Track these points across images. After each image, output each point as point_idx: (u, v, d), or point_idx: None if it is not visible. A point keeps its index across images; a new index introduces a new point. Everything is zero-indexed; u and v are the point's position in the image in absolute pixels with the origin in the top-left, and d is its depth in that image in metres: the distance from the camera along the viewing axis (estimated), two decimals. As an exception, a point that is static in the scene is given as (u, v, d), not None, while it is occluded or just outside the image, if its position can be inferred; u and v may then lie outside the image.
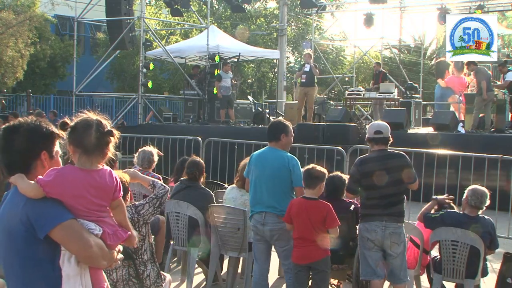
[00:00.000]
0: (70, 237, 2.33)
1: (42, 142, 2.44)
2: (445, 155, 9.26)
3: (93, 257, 2.39)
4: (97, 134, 2.50)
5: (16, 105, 23.00)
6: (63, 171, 2.45)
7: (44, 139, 2.45)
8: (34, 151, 2.42)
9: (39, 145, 2.43)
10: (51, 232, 2.30)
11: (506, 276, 5.30)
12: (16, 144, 2.39)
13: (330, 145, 10.34)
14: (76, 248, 2.35)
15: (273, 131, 5.25)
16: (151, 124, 17.39)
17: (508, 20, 26.45)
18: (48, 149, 2.46)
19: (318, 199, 4.84)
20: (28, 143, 2.40)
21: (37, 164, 2.43)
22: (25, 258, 2.34)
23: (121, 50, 19.50)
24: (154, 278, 3.99)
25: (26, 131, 2.41)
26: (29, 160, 2.42)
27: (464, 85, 14.91)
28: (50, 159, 2.47)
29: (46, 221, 2.30)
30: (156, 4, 29.75)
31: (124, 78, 27.09)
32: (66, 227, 2.32)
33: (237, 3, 19.62)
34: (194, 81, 17.36)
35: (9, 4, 21.20)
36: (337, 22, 25.44)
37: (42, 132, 2.44)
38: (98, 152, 2.52)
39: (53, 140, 2.49)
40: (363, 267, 4.96)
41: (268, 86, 33.07)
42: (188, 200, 5.90)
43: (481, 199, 5.23)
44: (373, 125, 5.16)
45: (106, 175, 2.54)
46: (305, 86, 14.49)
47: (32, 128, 2.43)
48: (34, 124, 2.44)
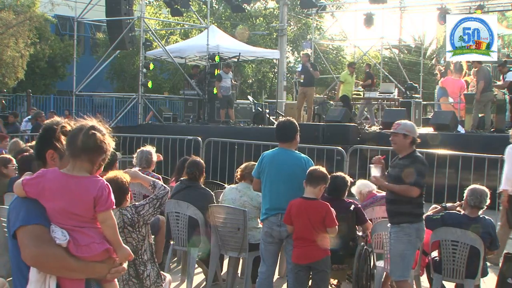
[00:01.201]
0: (26, 243, 2.31)
1: (50, 141, 2.58)
2: (445, 155, 9.26)
3: (47, 267, 2.34)
4: (84, 138, 2.44)
5: (16, 105, 23.00)
6: (45, 173, 2.46)
7: (53, 139, 2.57)
8: (42, 149, 2.61)
9: (48, 144, 2.58)
10: (16, 233, 2.35)
11: (507, 276, 5.30)
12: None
13: (330, 145, 10.33)
14: (26, 255, 2.31)
15: (287, 131, 5.19)
16: (151, 124, 17.39)
17: (508, 20, 26.44)
18: (55, 148, 2.57)
19: (318, 199, 4.84)
20: (39, 140, 2.65)
21: (46, 162, 2.59)
22: (11, 253, 2.43)
23: (121, 50, 19.49)
24: (154, 278, 3.99)
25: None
26: (40, 156, 2.62)
27: (460, 88, 14.87)
28: (60, 160, 2.58)
29: (15, 221, 2.36)
30: (156, 4, 29.74)
31: (124, 78, 27.08)
32: (26, 231, 2.32)
33: (237, 3, 19.62)
34: (194, 81, 17.35)
35: (9, 4, 21.18)
36: (337, 22, 25.41)
37: (52, 131, 2.59)
38: (84, 157, 2.45)
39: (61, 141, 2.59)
40: (403, 269, 4.87)
41: (268, 86, 33.06)
42: (188, 200, 5.91)
43: (481, 198, 5.23)
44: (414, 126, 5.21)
45: (89, 184, 2.45)
46: (304, 86, 14.55)
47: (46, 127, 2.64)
48: (50, 123, 2.65)
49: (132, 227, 3.87)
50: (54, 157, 2.54)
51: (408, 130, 5.01)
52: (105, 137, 2.50)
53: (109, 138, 2.52)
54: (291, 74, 28.60)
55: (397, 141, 5.02)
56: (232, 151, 10.84)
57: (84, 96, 22.67)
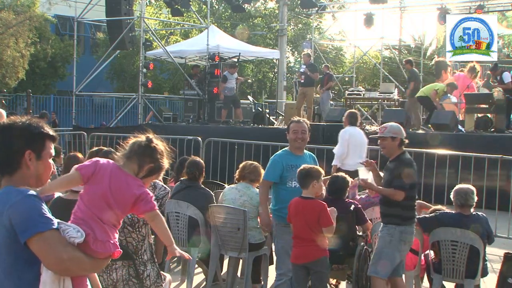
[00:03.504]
0: (44, 250, 2.25)
1: (27, 141, 2.38)
2: (445, 155, 9.26)
3: (66, 270, 2.34)
4: (138, 143, 2.74)
5: (16, 105, 23.01)
6: (105, 161, 2.65)
7: (30, 138, 2.38)
8: (18, 150, 2.36)
9: (23, 144, 2.37)
10: (30, 240, 2.22)
11: (507, 276, 5.30)
12: (2, 141, 2.36)
13: (330, 145, 10.32)
14: (47, 262, 2.28)
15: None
16: (151, 124, 17.38)
17: (508, 20, 26.43)
18: (33, 148, 2.38)
19: (314, 198, 4.84)
20: (12, 140, 2.36)
21: (22, 163, 2.36)
22: (5, 263, 2.28)
23: (121, 50, 19.50)
24: (154, 278, 3.99)
25: (11, 129, 2.38)
26: (12, 158, 2.36)
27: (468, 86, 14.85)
28: (36, 159, 2.39)
29: (28, 227, 2.22)
30: (156, 4, 29.74)
31: (124, 78, 27.08)
32: (43, 238, 2.24)
33: (237, 3, 19.63)
34: (194, 81, 17.36)
35: (9, 4, 21.20)
36: (337, 22, 25.42)
37: (28, 131, 2.39)
38: (135, 159, 2.69)
39: (42, 141, 2.42)
40: (383, 267, 4.90)
41: (268, 86, 33.07)
42: (188, 200, 5.90)
43: (466, 197, 5.23)
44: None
45: (134, 183, 2.63)
46: (304, 86, 14.60)
47: (19, 127, 2.39)
48: (22, 123, 2.40)
49: (132, 227, 3.87)
50: (32, 157, 2.38)
51: (395, 132, 5.05)
52: (161, 150, 2.79)
53: (166, 154, 2.80)
54: (291, 74, 28.60)
55: (386, 145, 5.07)
56: (232, 151, 10.84)
57: (84, 96, 22.68)
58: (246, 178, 5.94)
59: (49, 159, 2.46)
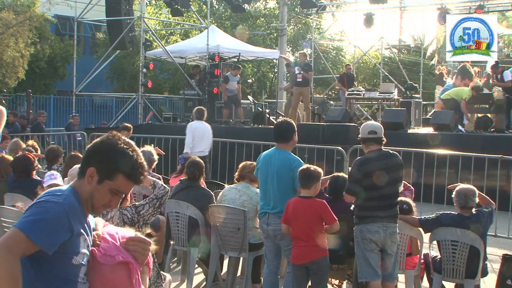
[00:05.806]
0: (3, 238, 2.13)
1: (100, 160, 2.36)
2: (445, 155, 9.26)
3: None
4: None
5: (16, 105, 22.98)
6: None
7: (104, 160, 2.36)
8: (89, 161, 2.40)
9: (96, 161, 2.36)
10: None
11: (506, 277, 5.29)
12: (99, 148, 2.41)
13: (330, 145, 10.33)
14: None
15: (284, 131, 5.26)
16: (151, 124, 17.38)
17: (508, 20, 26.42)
18: (99, 169, 2.34)
19: (314, 198, 4.84)
20: (99, 151, 2.42)
21: (86, 175, 2.35)
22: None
23: (121, 50, 19.50)
24: (154, 278, 3.98)
25: (109, 145, 2.39)
26: (84, 165, 2.38)
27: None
28: (97, 183, 2.35)
29: (21, 221, 2.16)
30: (156, 4, 29.74)
31: (124, 78, 27.07)
32: (13, 232, 2.12)
33: (237, 3, 19.62)
34: (194, 81, 17.35)
35: (9, 4, 21.19)
36: (337, 22, 25.41)
37: (113, 153, 2.38)
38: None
39: (113, 171, 2.33)
40: (363, 269, 4.89)
41: (268, 86, 33.05)
42: (188, 200, 5.90)
43: (466, 198, 5.21)
44: (367, 125, 5.10)
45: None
46: (300, 86, 14.46)
47: (115, 146, 2.38)
48: (124, 145, 2.39)
49: (132, 227, 3.87)
50: (93, 176, 2.36)
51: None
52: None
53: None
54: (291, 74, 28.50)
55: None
56: (232, 151, 10.83)
57: (84, 96, 22.68)
58: (246, 177, 5.94)
59: (111, 194, 2.34)
